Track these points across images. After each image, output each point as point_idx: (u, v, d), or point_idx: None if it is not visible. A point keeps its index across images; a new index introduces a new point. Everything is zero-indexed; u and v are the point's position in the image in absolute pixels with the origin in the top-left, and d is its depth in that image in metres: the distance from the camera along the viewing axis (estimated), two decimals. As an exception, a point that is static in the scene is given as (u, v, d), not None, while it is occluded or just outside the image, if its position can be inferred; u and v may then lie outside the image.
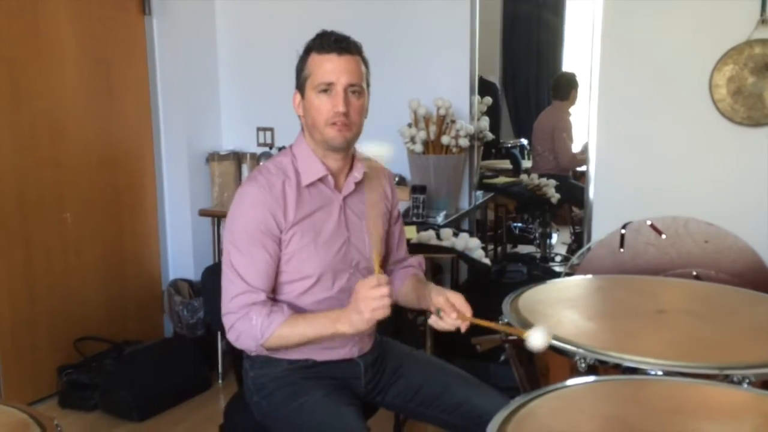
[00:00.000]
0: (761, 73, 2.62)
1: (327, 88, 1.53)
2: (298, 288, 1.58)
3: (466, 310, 1.51)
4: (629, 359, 1.50)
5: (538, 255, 4.50)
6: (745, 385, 1.39)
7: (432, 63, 3.16)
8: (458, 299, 1.52)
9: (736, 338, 1.65)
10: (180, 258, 3.45)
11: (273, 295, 1.58)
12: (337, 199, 1.63)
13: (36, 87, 2.81)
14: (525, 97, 5.21)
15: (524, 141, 4.85)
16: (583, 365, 1.53)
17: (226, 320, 1.53)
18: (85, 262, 3.06)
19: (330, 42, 1.54)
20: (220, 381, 3.16)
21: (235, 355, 1.69)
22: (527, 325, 1.69)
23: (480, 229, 3.83)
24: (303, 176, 1.59)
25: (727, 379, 1.41)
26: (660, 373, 1.46)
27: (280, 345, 1.53)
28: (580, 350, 1.54)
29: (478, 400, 1.59)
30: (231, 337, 1.54)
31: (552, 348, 1.61)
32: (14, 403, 1.32)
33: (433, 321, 1.54)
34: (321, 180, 1.61)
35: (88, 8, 3.00)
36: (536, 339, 1.43)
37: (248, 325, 1.50)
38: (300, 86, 1.60)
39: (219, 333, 3.14)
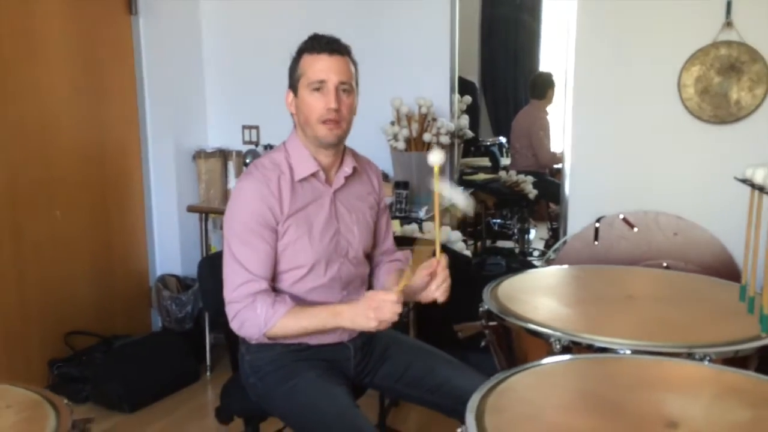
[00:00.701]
0: (726, 73, 2.76)
1: (319, 86, 1.62)
2: (293, 276, 1.68)
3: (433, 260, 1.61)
4: (600, 340, 1.62)
5: (517, 250, 4.63)
6: (707, 362, 1.51)
7: (414, 63, 3.25)
8: (428, 263, 1.61)
9: (699, 320, 1.77)
10: (167, 253, 3.51)
11: (273, 284, 1.67)
12: (327, 193, 1.72)
13: (25, 85, 2.85)
14: (503, 97, 5.33)
15: (503, 139, 4.98)
16: (558, 346, 1.65)
17: (230, 309, 1.62)
18: (75, 257, 3.11)
19: (322, 43, 1.63)
20: (208, 373, 3.22)
21: (231, 341, 1.77)
22: (508, 312, 1.80)
23: (460, 224, 3.94)
24: (296, 171, 1.68)
25: (690, 356, 1.53)
26: (628, 352, 1.57)
27: (282, 335, 1.62)
28: (556, 333, 1.66)
29: (459, 380, 1.69)
30: (234, 325, 1.62)
31: (529, 331, 1.73)
32: (26, 385, 1.40)
33: (424, 299, 1.63)
34: (313, 175, 1.70)
35: (77, 8, 3.04)
36: (434, 156, 1.53)
37: (253, 315, 1.59)
38: (293, 85, 1.68)
39: (207, 326, 3.21)
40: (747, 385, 1.37)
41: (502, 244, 4.70)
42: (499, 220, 4.87)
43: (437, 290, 1.59)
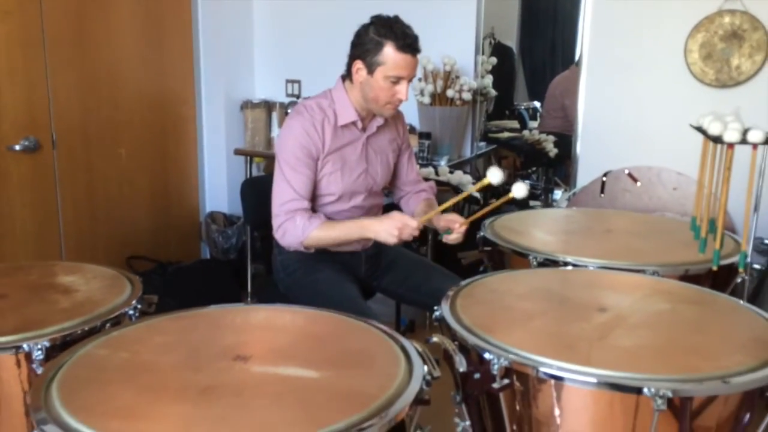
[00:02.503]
0: (729, 40, 2.97)
1: (397, 81, 1.91)
2: (323, 201, 2.05)
3: (460, 218, 2.00)
4: (570, 258, 1.93)
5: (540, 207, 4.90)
6: (656, 276, 1.81)
7: (442, 24, 3.52)
8: (454, 216, 2.00)
9: (663, 248, 2.06)
10: (216, 192, 3.93)
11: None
12: (361, 138, 2.07)
13: (98, 38, 3.24)
14: (541, 63, 5.54)
15: (537, 104, 5.22)
16: (535, 263, 1.97)
17: (276, 221, 1.98)
18: (137, 191, 3.54)
19: (409, 43, 1.89)
20: (249, 299, 3.64)
21: (265, 246, 2.15)
22: (500, 239, 2.12)
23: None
24: (339, 118, 2.01)
25: (642, 272, 1.83)
26: (591, 268, 1.88)
27: (317, 244, 1.97)
28: (534, 252, 1.98)
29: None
30: (278, 234, 1.98)
31: (515, 252, 2.05)
32: (108, 266, 1.81)
33: (445, 239, 2.00)
34: (353, 122, 2.03)
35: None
36: (519, 190, 1.89)
37: (293, 226, 1.94)
38: (368, 63, 1.91)
39: (249, 258, 3.62)
40: (676, 289, 1.67)
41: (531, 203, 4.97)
42: (528, 181, 5.13)
43: (451, 237, 1.98)
